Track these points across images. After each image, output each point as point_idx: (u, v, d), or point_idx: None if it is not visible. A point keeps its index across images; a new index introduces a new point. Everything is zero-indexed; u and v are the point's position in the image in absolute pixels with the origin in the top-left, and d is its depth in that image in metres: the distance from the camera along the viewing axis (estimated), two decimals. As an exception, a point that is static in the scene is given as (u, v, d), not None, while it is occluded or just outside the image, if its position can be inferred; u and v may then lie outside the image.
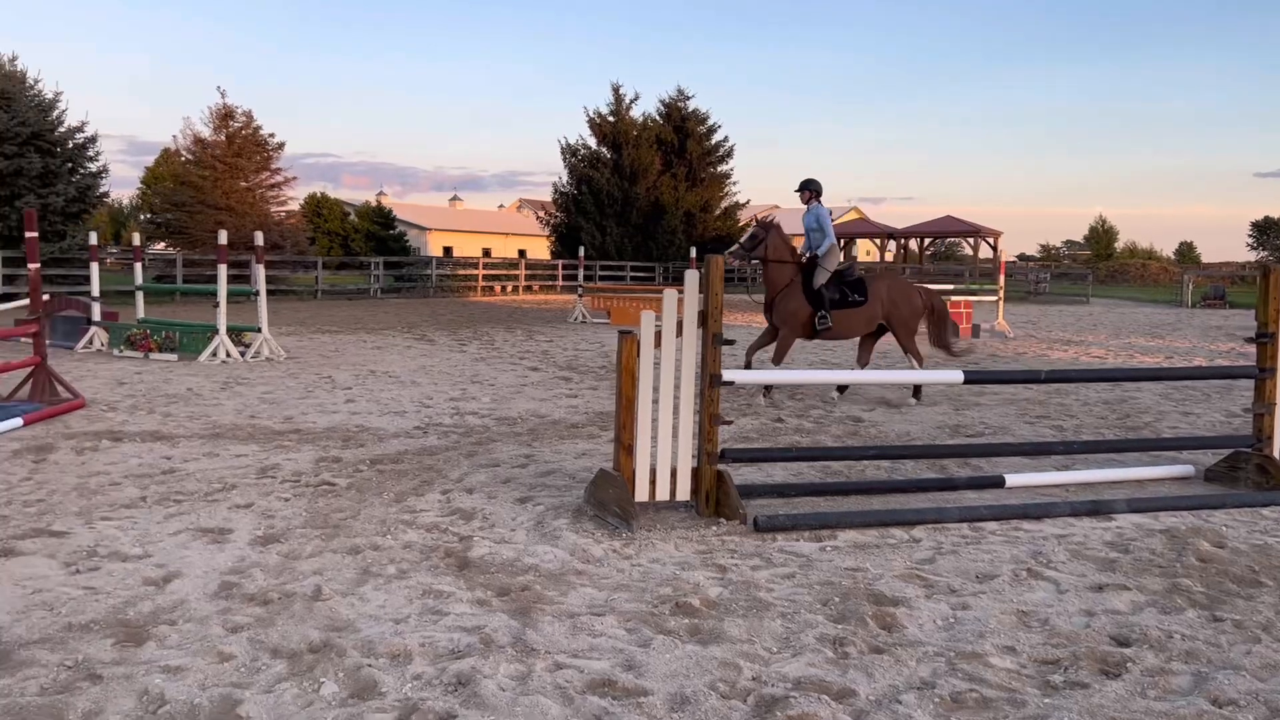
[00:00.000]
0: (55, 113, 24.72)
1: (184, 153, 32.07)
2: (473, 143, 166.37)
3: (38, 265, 8.68)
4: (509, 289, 36.70)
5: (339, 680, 3.12)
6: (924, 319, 9.75)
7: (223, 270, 12.95)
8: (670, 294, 5.22)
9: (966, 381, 5.93)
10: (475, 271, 36.31)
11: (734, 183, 43.56)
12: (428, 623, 3.65)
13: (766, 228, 9.51)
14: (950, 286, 21.01)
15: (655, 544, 4.73)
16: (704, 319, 5.14)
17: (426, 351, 14.36)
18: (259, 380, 10.74)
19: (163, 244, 32.90)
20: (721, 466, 5.23)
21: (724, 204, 42.72)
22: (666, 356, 5.13)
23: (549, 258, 43.18)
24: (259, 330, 12.97)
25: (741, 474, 5.92)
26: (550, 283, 38.55)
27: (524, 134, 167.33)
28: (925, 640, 3.57)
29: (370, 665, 3.22)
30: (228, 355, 12.49)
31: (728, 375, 5.21)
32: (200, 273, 27.62)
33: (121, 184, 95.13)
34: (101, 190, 26.27)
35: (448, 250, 62.66)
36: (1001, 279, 20.30)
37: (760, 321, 13.18)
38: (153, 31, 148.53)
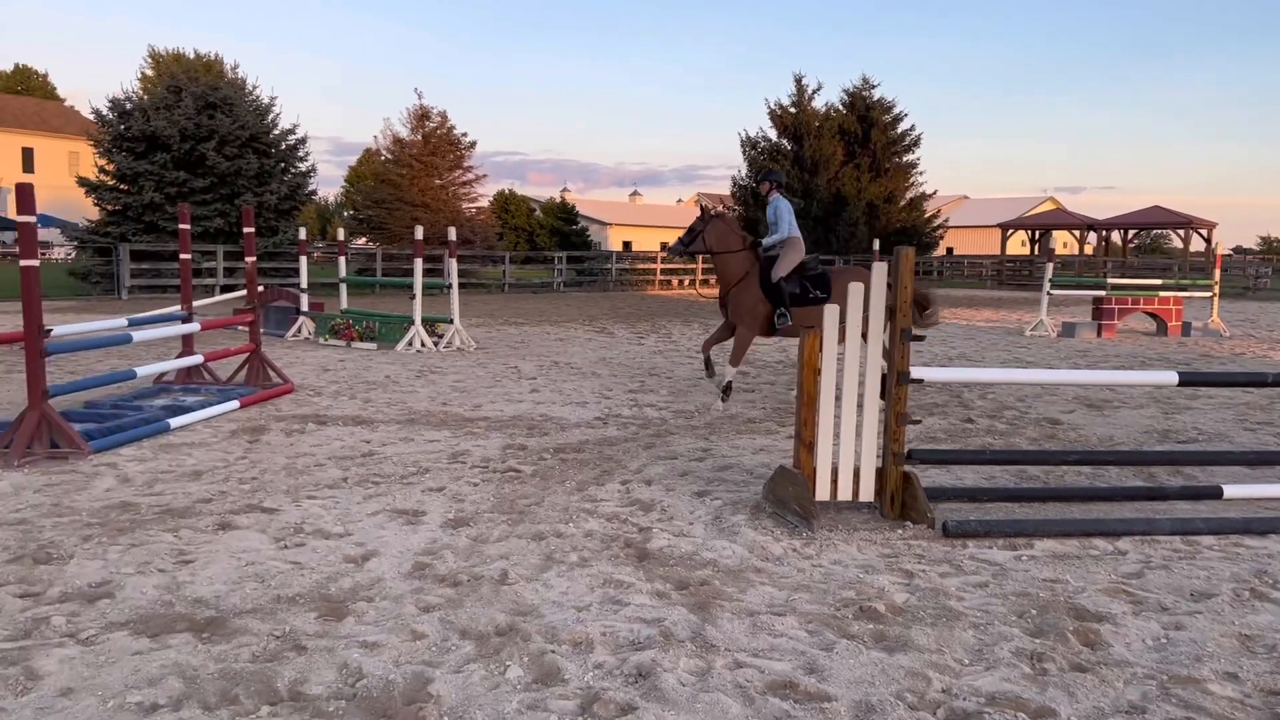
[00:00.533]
0: (270, 116, 26.60)
1: (383, 152, 33.84)
2: (653, 138, 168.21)
3: (254, 259, 9.33)
4: (686, 283, 36.87)
5: (524, 665, 3.19)
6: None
7: (419, 264, 13.57)
8: (855, 287, 5.07)
9: (1181, 384, 5.48)
10: (653, 265, 36.67)
11: (920, 173, 42.15)
12: (608, 612, 3.68)
13: (705, 219, 8.92)
14: (1158, 281, 19.55)
15: (837, 545, 4.60)
16: (892, 313, 4.96)
17: (606, 344, 14.59)
18: (450, 369, 11.19)
19: (363, 239, 34.86)
20: (908, 467, 5.04)
21: (909, 195, 41.42)
22: (851, 352, 4.99)
23: (727, 251, 42.97)
24: (451, 321, 13.53)
25: (929, 476, 5.70)
26: (728, 276, 38.41)
27: (703, 128, 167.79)
28: (1133, 660, 3.32)
29: (553, 652, 3.27)
30: (422, 345, 13.09)
31: (917, 373, 5.01)
32: (397, 266, 29.11)
33: (327, 183, 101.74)
34: (310, 189, 28.07)
35: (627, 244, 63.63)
36: (1217, 273, 18.78)
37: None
38: (355, 38, 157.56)
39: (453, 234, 14.02)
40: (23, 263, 6.17)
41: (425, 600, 3.76)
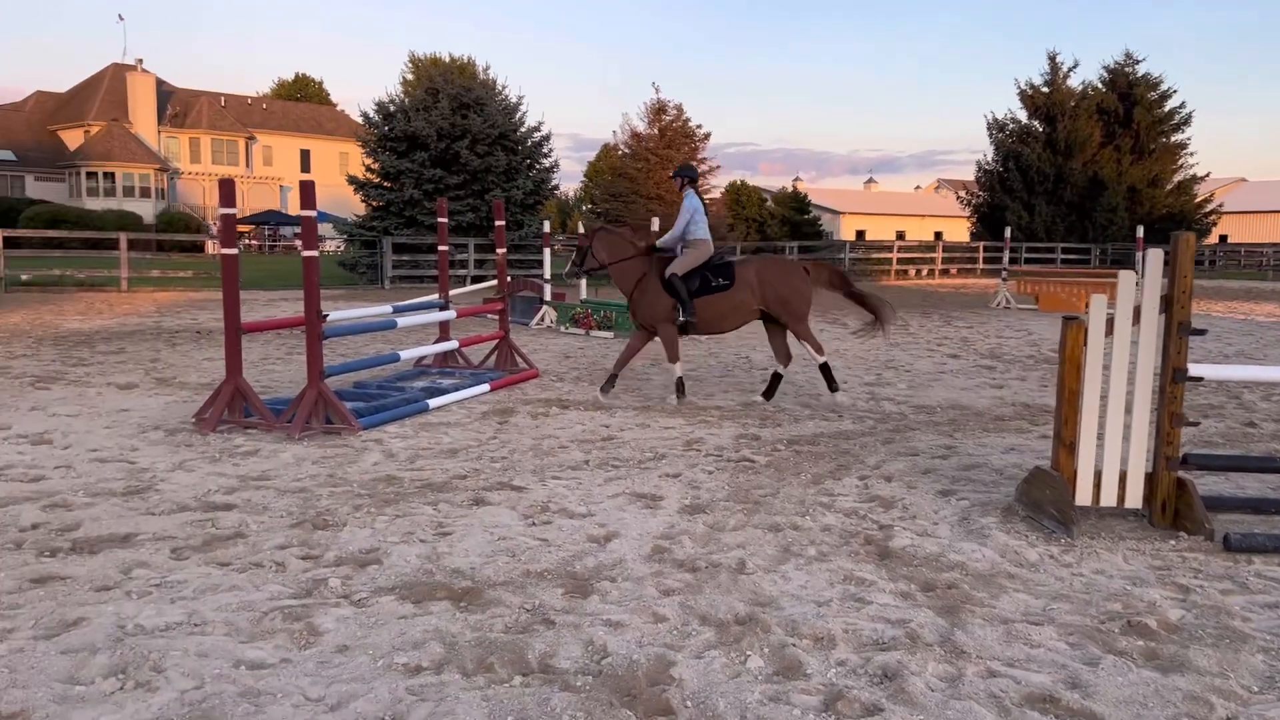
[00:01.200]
0: (518, 115, 27.91)
1: (621, 147, 34.75)
2: (889, 124, 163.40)
3: (504, 251, 9.80)
4: (924, 272, 35.58)
5: (764, 656, 3.16)
6: (839, 295, 8.38)
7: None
8: (1126, 276, 4.68)
9: None
10: (889, 255, 35.61)
11: (1190, 153, 38.64)
12: (850, 609, 3.58)
13: (589, 235, 8.62)
14: None
15: (1099, 553, 4.28)
16: (1168, 304, 4.55)
17: (839, 335, 14.30)
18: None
19: (600, 231, 35.96)
20: (1182, 473, 4.61)
21: (1176, 178, 38.05)
22: (1119, 347, 4.61)
23: (968, 240, 41.21)
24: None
25: (1205, 484, 5.19)
26: (969, 265, 36.80)
27: (944, 112, 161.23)
28: None
29: (794, 645, 3.22)
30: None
31: (1195, 370, 4.56)
32: (632, 257, 29.80)
33: (567, 178, 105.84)
34: (553, 184, 29.27)
35: (860, 234, 62.14)
36: None
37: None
38: (599, 34, 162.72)
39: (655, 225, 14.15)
40: (305, 253, 6.77)
41: (665, 584, 3.81)
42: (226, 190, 6.75)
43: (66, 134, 55.20)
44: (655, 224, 13.98)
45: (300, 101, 69.14)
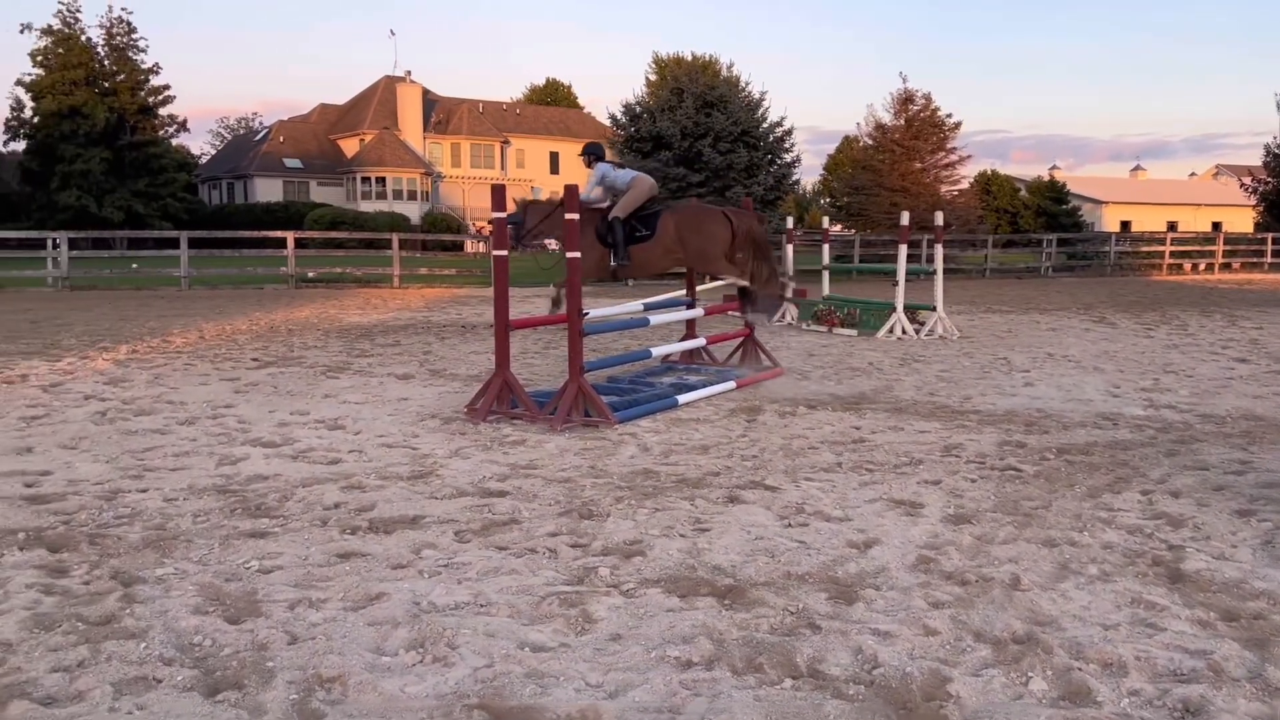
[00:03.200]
0: (760, 111, 27.94)
1: (865, 139, 33.98)
2: (1158, 105, 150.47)
3: (752, 248, 9.81)
4: (1201, 267, 32.54)
5: (1047, 678, 3.00)
6: (741, 246, 8.57)
7: (903, 250, 13.43)
8: None
9: None
10: (1161, 248, 32.83)
11: None
12: (1140, 635, 3.34)
13: (522, 209, 9.17)
14: None
15: None
16: None
17: (1107, 335, 13.34)
18: (934, 358, 10.94)
19: (839, 225, 35.35)
20: None
21: None
22: None
23: (1252, 231, 37.28)
24: (934, 309, 13.22)
25: None
26: (1256, 259, 33.30)
27: (1223, 90, 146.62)
28: None
29: (1080, 669, 3.04)
30: (904, 332, 12.96)
31: None
32: (873, 252, 29.13)
33: (806, 172, 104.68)
34: (794, 179, 29.12)
35: (1125, 225, 57.63)
36: None
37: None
38: (835, 25, 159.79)
39: (939, 219, 13.66)
40: (568, 255, 7.07)
41: (934, 596, 3.70)
42: (498, 195, 7.17)
43: (345, 142, 60.44)
44: (904, 218, 13.55)
45: (550, 106, 72.31)
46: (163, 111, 47.17)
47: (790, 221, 16.29)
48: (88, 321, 14.72)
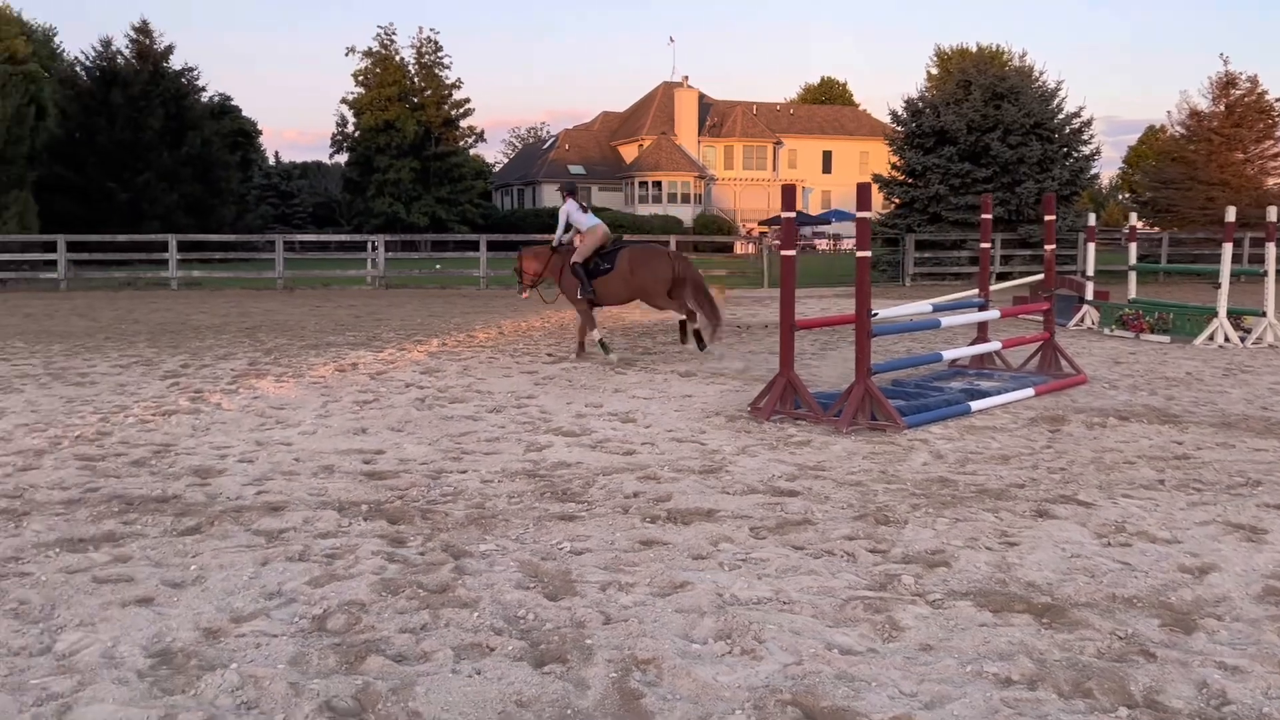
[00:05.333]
0: (1055, 101, 26.19)
1: (1175, 128, 31.04)
2: None
3: (1053, 246, 9.24)
4: None
5: None
6: (681, 286, 10.35)
7: (1227, 250, 12.14)
8: None
9: None
10: None
11: None
12: None
13: (519, 258, 11.47)
14: None
15: None
16: None
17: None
18: (1265, 369, 9.82)
19: (1142, 222, 32.48)
20: None
21: None
22: None
23: None
24: (1263, 314, 11.86)
25: None
26: None
27: None
28: None
29: None
30: (1226, 340, 11.71)
31: None
32: (1184, 252, 26.56)
33: (1102, 165, 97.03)
34: (1091, 173, 27.06)
35: None
36: None
37: None
38: (1143, 8, 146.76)
39: (1272, 214, 12.22)
40: (859, 253, 6.96)
41: (1290, 632, 3.31)
42: (788, 195, 7.16)
43: (624, 148, 62.75)
44: (1230, 214, 12.23)
45: (824, 105, 71.54)
46: (463, 124, 51.05)
47: (1092, 219, 15.12)
48: (402, 317, 16.18)
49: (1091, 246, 14.62)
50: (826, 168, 63.82)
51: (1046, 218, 9.33)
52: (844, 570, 3.97)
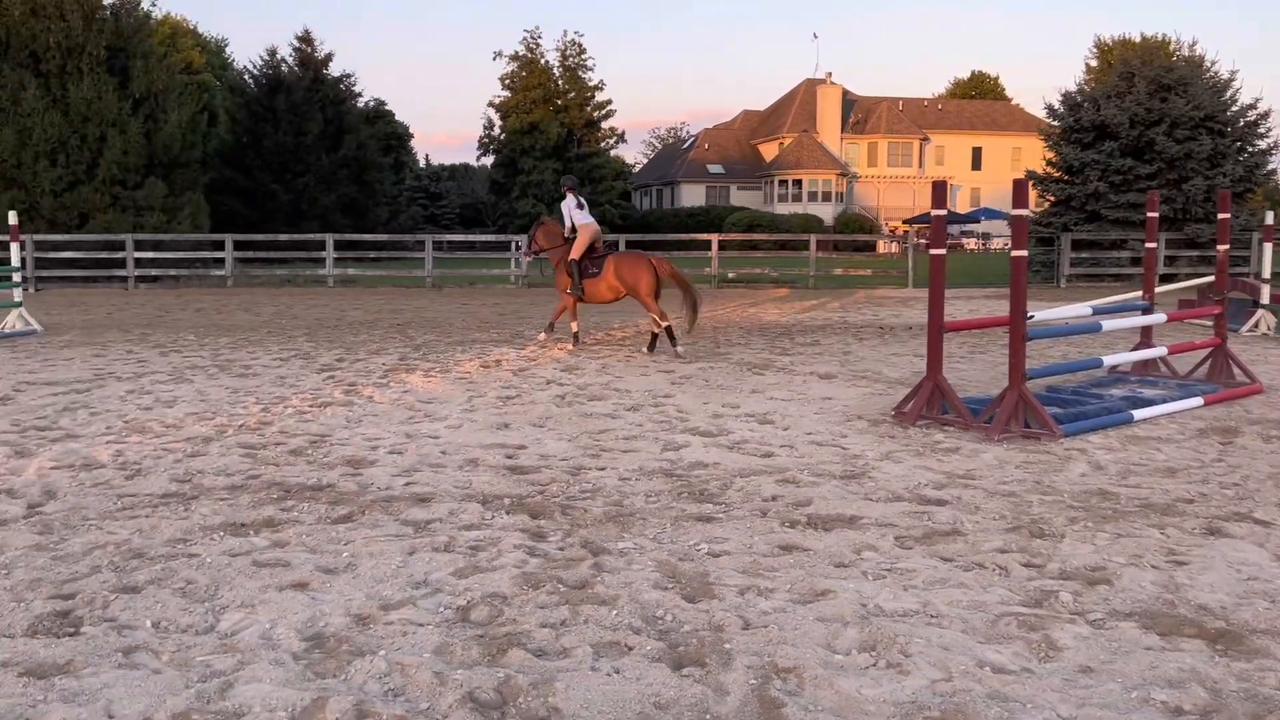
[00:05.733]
0: (1228, 93, 24.56)
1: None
2: None
3: (1227, 246, 8.64)
4: None
5: None
6: (673, 285, 11.18)
7: None
8: None
9: None
10: None
11: None
12: None
13: (535, 224, 12.19)
14: None
15: None
16: None
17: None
18: None
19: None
20: None
21: None
22: None
23: None
24: None
25: None
26: None
27: None
28: None
29: None
30: None
31: None
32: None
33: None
34: (1269, 168, 25.26)
35: None
36: None
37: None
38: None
39: None
40: (1014, 253, 6.67)
41: None
42: (938, 192, 6.92)
43: (764, 147, 62.30)
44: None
45: (974, 99, 69.24)
46: (604, 125, 51.72)
47: (1270, 217, 14.09)
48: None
49: (1269, 247, 13.65)
50: (976, 164, 61.77)
51: (1220, 215, 8.72)
52: (996, 585, 3.79)
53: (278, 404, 7.79)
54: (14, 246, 14.16)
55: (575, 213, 11.59)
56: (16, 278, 13.95)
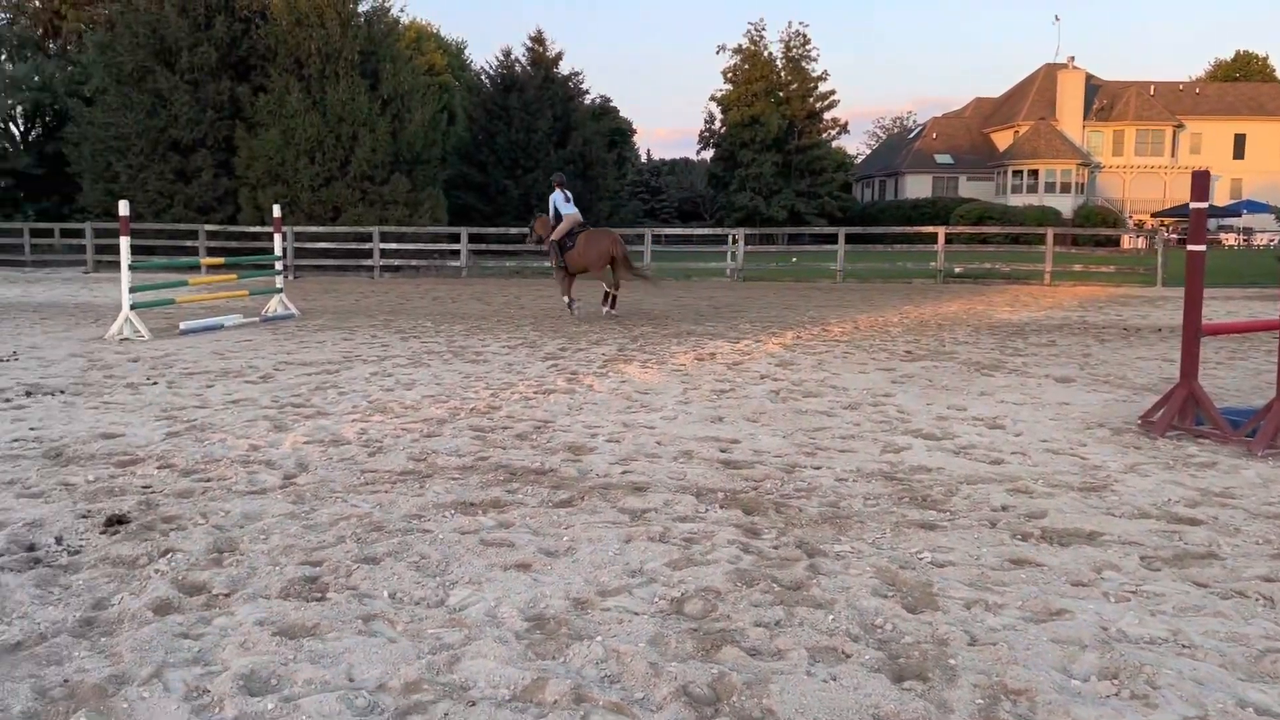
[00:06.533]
0: None
1: None
2: None
3: None
4: None
5: None
6: (612, 259, 14.10)
7: None
8: None
9: None
10: None
11: None
12: None
13: (533, 219, 15.42)
14: None
15: None
16: None
17: None
18: None
19: None
20: None
21: None
22: None
23: None
24: None
25: None
26: None
27: None
28: None
29: None
30: None
31: None
32: None
33: None
34: None
35: None
36: None
37: None
38: None
39: None
40: (1192, 248, 5.98)
41: None
42: (1199, 183, 6.33)
43: (997, 135, 59.32)
44: None
45: (1237, 81, 63.18)
46: (827, 116, 50.87)
47: None
48: (758, 309, 16.40)
49: None
50: (1238, 153, 56.35)
51: None
52: (1260, 616, 3.42)
53: (505, 389, 8.13)
54: (277, 237, 15.51)
55: (561, 205, 14.42)
56: (279, 266, 15.29)
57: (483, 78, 44.53)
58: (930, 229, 26.06)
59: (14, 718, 2.68)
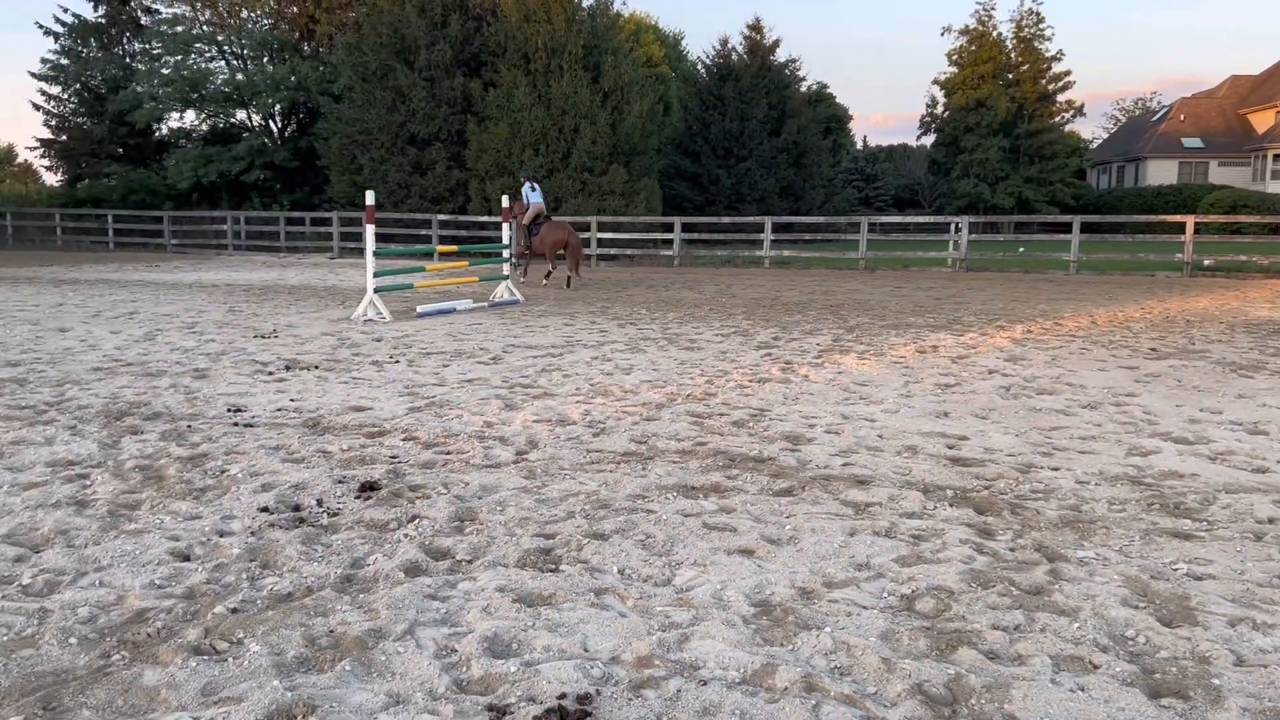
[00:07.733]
0: None
1: None
2: None
3: None
4: None
5: None
6: (564, 247, 17.93)
7: None
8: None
9: None
10: None
11: None
12: None
13: (513, 200, 17.63)
14: None
15: None
16: None
17: None
18: None
19: None
20: None
21: None
22: None
23: None
24: None
25: None
26: None
27: None
28: None
29: None
30: None
31: None
32: None
33: None
34: None
35: None
36: None
37: None
38: None
39: None
40: None
41: None
42: None
43: (1256, 117, 54.02)
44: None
45: None
46: (1060, 98, 47.99)
47: None
48: (983, 300, 15.69)
49: None
50: None
51: None
52: None
53: (720, 377, 8.17)
54: (505, 226, 16.23)
55: (530, 195, 18.64)
56: (506, 254, 16.02)
57: (699, 67, 44.79)
58: (1176, 218, 24.09)
59: (288, 661, 2.95)
